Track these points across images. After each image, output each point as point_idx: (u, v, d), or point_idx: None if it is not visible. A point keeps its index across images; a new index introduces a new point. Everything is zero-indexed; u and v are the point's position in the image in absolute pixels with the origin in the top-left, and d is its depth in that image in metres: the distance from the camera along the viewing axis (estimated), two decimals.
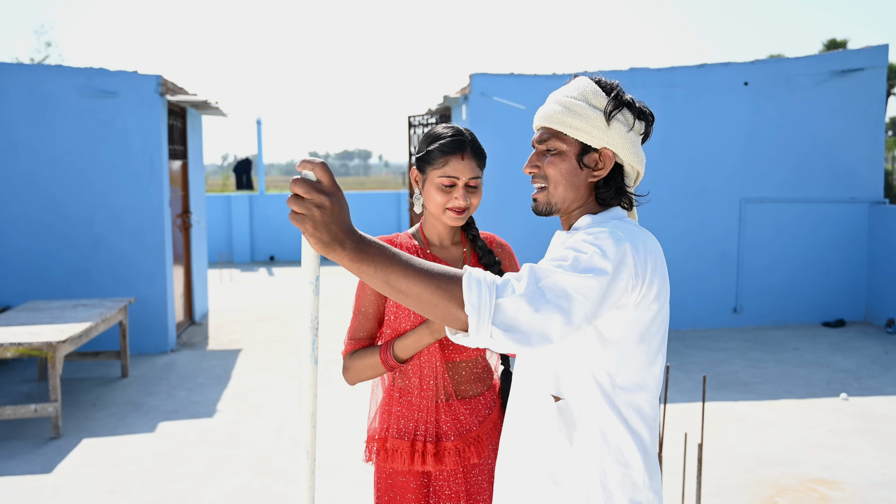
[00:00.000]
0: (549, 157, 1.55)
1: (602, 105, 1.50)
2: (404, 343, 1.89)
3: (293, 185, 1.14)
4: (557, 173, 1.54)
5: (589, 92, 1.52)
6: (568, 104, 1.52)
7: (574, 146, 1.53)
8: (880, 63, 7.73)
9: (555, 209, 1.56)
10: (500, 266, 2.02)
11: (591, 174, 1.53)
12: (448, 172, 1.89)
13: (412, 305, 1.26)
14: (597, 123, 1.50)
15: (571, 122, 1.51)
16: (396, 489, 1.96)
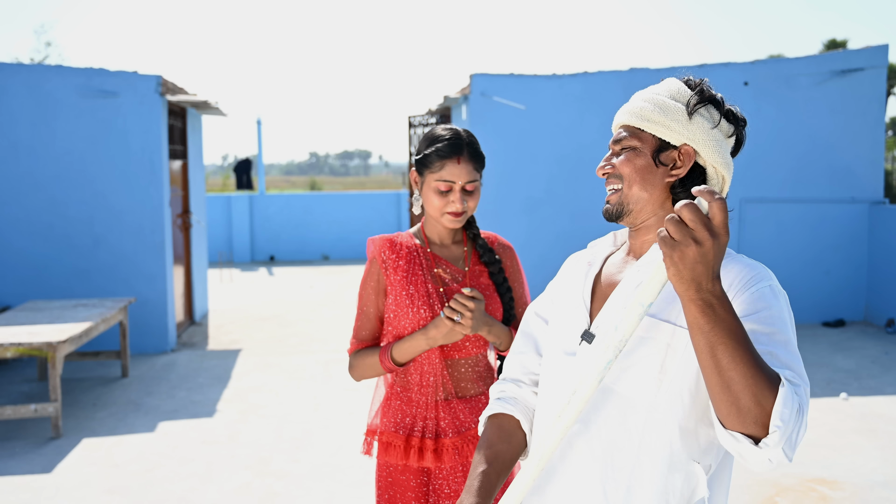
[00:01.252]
0: (623, 155, 1.42)
1: (685, 100, 1.40)
2: (401, 347, 1.92)
3: (683, 209, 1.06)
4: (631, 170, 1.40)
5: (674, 88, 1.42)
6: (649, 98, 1.42)
7: (650, 142, 1.40)
8: (880, 63, 7.73)
9: (626, 210, 1.41)
10: (500, 265, 2.02)
11: (668, 173, 1.39)
12: (444, 176, 1.89)
13: (716, 380, 1.11)
14: (677, 117, 1.38)
15: (650, 116, 1.39)
16: (396, 487, 1.97)
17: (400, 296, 1.94)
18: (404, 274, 1.95)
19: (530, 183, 7.47)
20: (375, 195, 15.16)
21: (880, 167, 7.92)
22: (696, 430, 1.30)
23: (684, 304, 1.13)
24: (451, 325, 1.85)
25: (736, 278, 1.30)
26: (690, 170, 1.40)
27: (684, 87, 1.42)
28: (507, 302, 2.02)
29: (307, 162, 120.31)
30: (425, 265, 1.98)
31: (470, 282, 1.98)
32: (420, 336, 1.89)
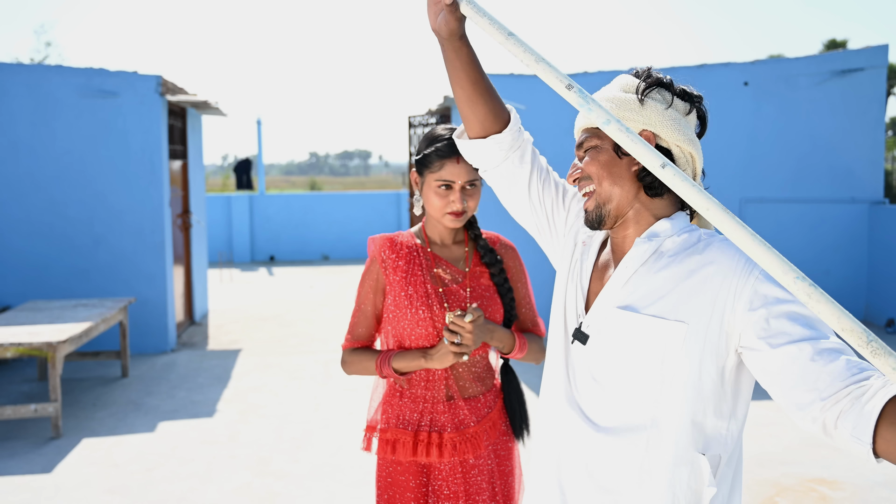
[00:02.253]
0: (586, 157, 1.43)
1: (633, 89, 1.40)
2: (401, 362, 1.93)
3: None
4: (597, 167, 1.40)
5: (623, 82, 1.42)
6: (601, 96, 1.43)
7: (609, 138, 1.37)
8: (880, 63, 7.73)
9: (604, 213, 1.39)
10: (501, 265, 2.02)
11: (632, 162, 1.37)
12: (444, 176, 1.89)
13: None
14: (630, 106, 1.38)
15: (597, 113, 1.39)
16: (396, 487, 1.97)
17: (399, 296, 1.93)
18: (404, 274, 1.95)
19: None
20: (375, 195, 15.16)
21: (880, 167, 7.92)
22: (703, 421, 1.31)
23: None
24: (454, 349, 1.84)
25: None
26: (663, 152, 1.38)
27: (633, 78, 1.42)
28: (507, 303, 2.01)
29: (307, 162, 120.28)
30: (425, 265, 1.97)
31: (470, 283, 1.98)
32: (419, 356, 1.90)
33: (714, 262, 1.30)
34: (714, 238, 1.35)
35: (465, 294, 1.95)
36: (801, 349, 1.18)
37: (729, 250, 1.31)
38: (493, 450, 2.02)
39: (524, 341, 2.02)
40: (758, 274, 1.26)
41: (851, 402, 1.11)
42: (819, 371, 1.16)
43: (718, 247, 1.33)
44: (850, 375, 1.13)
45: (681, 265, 1.33)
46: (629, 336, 1.34)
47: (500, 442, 2.03)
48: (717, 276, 1.29)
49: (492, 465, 2.00)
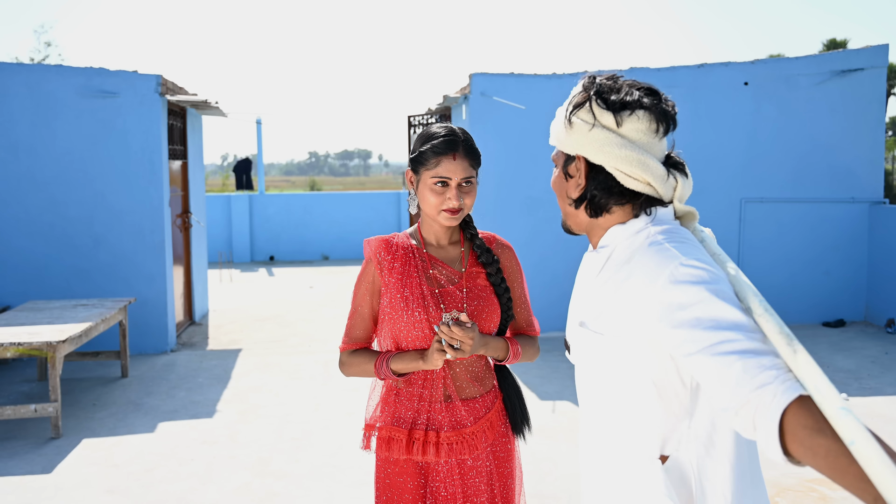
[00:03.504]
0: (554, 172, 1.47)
1: (567, 105, 1.40)
2: (398, 364, 1.93)
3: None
4: (554, 186, 1.46)
5: (572, 95, 1.41)
6: (559, 110, 1.43)
7: (561, 157, 1.43)
8: (880, 63, 7.73)
9: (567, 224, 1.47)
10: (498, 265, 2.01)
11: (575, 184, 1.39)
12: (440, 173, 1.88)
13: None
14: (561, 129, 1.39)
15: (552, 131, 1.43)
16: (394, 488, 1.97)
17: (395, 298, 1.93)
18: (399, 276, 1.94)
19: (530, 183, 7.47)
20: (375, 195, 15.15)
21: (880, 167, 7.92)
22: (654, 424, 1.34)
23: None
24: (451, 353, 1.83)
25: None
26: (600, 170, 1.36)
27: (579, 89, 1.40)
28: (504, 303, 2.01)
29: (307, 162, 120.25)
30: (421, 267, 1.97)
31: (467, 283, 1.98)
32: (416, 357, 1.90)
33: (633, 275, 1.30)
34: (647, 247, 1.32)
35: (462, 295, 1.95)
36: (708, 357, 1.16)
37: (645, 261, 1.30)
38: (492, 451, 2.01)
39: (518, 349, 2.02)
40: (663, 282, 1.24)
41: (756, 409, 1.10)
42: (726, 378, 1.14)
43: (639, 258, 1.31)
44: (758, 375, 1.11)
45: (617, 276, 1.34)
46: (583, 349, 1.40)
47: (498, 443, 2.03)
48: (635, 289, 1.29)
49: (490, 466, 2.00)
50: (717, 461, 1.31)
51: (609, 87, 1.36)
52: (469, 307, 1.94)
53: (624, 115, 1.33)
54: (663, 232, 1.33)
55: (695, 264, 1.24)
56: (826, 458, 1.01)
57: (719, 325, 1.17)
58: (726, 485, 1.31)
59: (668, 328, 1.22)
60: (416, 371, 1.95)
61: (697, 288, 1.21)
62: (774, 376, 1.09)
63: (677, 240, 1.30)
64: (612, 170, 1.34)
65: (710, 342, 1.16)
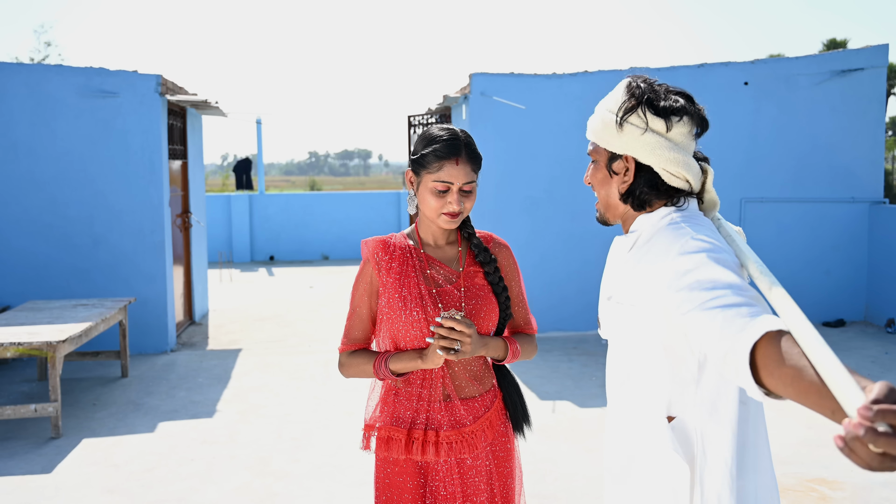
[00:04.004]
0: (590, 168, 1.61)
1: (613, 106, 1.52)
2: (397, 364, 1.93)
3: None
4: (595, 182, 1.60)
5: (615, 96, 1.53)
6: (599, 110, 1.56)
7: (604, 154, 1.56)
8: (880, 63, 7.73)
9: (605, 217, 1.62)
10: (496, 264, 2.02)
11: (621, 181, 1.55)
12: (442, 178, 1.88)
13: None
14: (611, 129, 1.52)
15: (596, 129, 1.55)
16: (394, 488, 1.97)
17: (393, 298, 1.93)
18: (397, 276, 1.95)
19: (530, 183, 7.47)
20: (375, 195, 15.15)
21: (880, 167, 7.92)
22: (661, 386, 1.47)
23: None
24: (446, 355, 1.84)
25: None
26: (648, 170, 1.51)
27: (624, 90, 1.52)
28: (503, 302, 2.01)
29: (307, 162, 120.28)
30: (418, 267, 1.97)
31: (464, 282, 1.98)
32: (415, 356, 1.91)
33: (651, 251, 1.47)
34: (665, 226, 1.49)
35: (460, 294, 1.95)
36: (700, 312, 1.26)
37: (662, 238, 1.46)
38: (492, 450, 2.02)
39: (517, 348, 2.02)
40: (674, 254, 1.39)
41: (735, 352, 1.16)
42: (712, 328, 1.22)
43: (657, 236, 1.48)
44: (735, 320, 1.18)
45: (639, 253, 1.51)
46: (611, 321, 1.57)
47: (498, 443, 2.03)
48: (651, 262, 1.44)
49: (490, 465, 2.00)
50: (720, 426, 1.42)
51: (656, 93, 1.51)
52: (467, 306, 1.94)
53: (673, 121, 1.49)
54: (682, 216, 1.50)
55: (703, 238, 1.38)
56: (792, 384, 1.07)
57: (715, 285, 1.27)
58: (727, 449, 1.41)
59: (672, 293, 1.34)
60: (415, 371, 1.96)
61: (700, 255, 1.34)
62: (749, 321, 1.16)
63: (693, 221, 1.46)
64: (660, 170, 1.50)
65: (704, 300, 1.26)
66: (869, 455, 0.84)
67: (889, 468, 0.84)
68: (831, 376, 0.97)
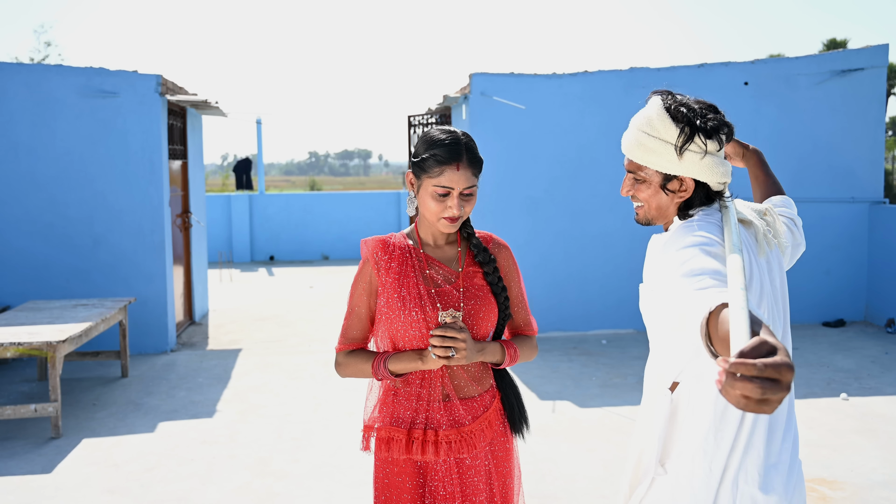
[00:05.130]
0: (638, 185, 1.77)
1: (673, 139, 1.67)
2: (397, 365, 1.93)
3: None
4: (647, 196, 1.76)
5: (659, 125, 1.67)
6: (643, 141, 1.70)
7: (656, 175, 1.73)
8: (880, 63, 7.73)
9: (650, 220, 1.81)
10: (495, 264, 2.01)
11: (676, 196, 1.73)
12: (443, 182, 1.87)
13: None
14: (671, 158, 1.68)
15: (648, 159, 1.70)
16: (392, 489, 1.97)
17: (392, 297, 1.93)
18: (396, 276, 1.94)
19: (531, 183, 7.47)
20: (375, 195, 15.15)
21: (880, 167, 7.92)
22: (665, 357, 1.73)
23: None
24: (444, 362, 1.86)
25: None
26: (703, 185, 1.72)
27: (671, 123, 1.67)
28: (502, 302, 2.01)
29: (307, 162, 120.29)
30: (417, 266, 1.97)
31: (464, 283, 1.97)
32: (415, 357, 1.91)
33: (669, 247, 1.64)
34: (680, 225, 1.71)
35: (458, 294, 1.95)
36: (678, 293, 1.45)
37: (675, 233, 1.67)
38: (491, 450, 2.01)
39: (515, 352, 2.02)
40: (678, 247, 1.60)
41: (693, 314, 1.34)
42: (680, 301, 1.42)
43: (673, 233, 1.69)
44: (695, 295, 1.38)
45: (665, 248, 1.68)
46: (644, 305, 1.78)
47: (497, 442, 2.03)
48: (666, 255, 1.63)
49: (489, 465, 2.00)
50: (704, 391, 1.66)
51: (696, 114, 1.68)
52: (466, 306, 1.94)
53: (720, 139, 1.68)
54: (700, 216, 1.70)
55: (702, 234, 1.60)
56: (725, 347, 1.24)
57: (703, 271, 1.47)
58: (707, 410, 1.65)
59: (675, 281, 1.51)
60: (414, 371, 1.96)
61: (695, 249, 1.55)
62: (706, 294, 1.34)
63: (703, 220, 1.66)
64: (715, 184, 1.71)
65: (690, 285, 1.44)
66: (734, 396, 1.02)
67: (752, 409, 1.01)
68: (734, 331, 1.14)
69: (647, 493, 1.72)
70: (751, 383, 1.00)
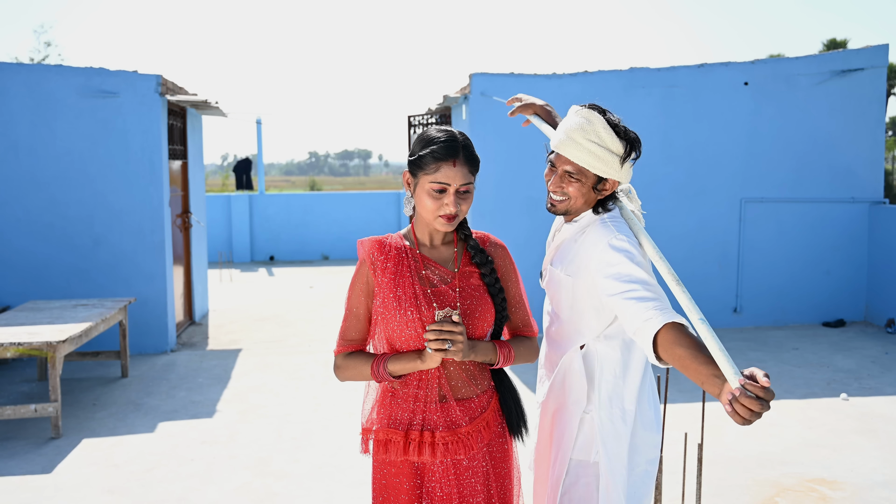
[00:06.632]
0: (572, 181, 2.05)
1: (618, 151, 1.99)
2: (396, 366, 1.93)
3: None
4: (578, 193, 2.06)
5: (608, 138, 1.98)
6: (592, 150, 1.98)
7: (591, 177, 2.04)
8: (880, 63, 7.73)
9: (570, 211, 2.10)
10: (492, 265, 2.01)
11: (600, 194, 2.07)
12: (439, 179, 1.88)
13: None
14: (614, 165, 2.00)
15: (594, 164, 1.99)
16: (390, 489, 1.97)
17: (388, 297, 1.93)
18: (392, 276, 1.94)
19: (530, 183, 7.47)
20: (375, 195, 15.15)
21: (880, 167, 7.92)
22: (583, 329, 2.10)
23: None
24: (441, 356, 1.86)
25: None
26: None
27: (617, 138, 1.99)
28: (499, 303, 2.00)
29: (307, 162, 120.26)
30: (413, 267, 1.96)
31: (460, 283, 1.97)
32: (415, 357, 1.91)
33: (586, 240, 2.05)
34: (599, 220, 2.06)
35: (455, 294, 1.94)
36: (620, 300, 1.88)
37: (595, 231, 2.03)
38: (488, 451, 2.01)
39: (510, 352, 2.01)
40: (603, 246, 1.98)
41: (642, 333, 1.80)
42: (629, 313, 1.85)
43: (591, 228, 2.06)
44: (645, 312, 1.80)
45: (579, 235, 2.10)
46: (552, 282, 2.18)
47: (495, 443, 2.03)
48: (586, 248, 2.04)
49: (486, 466, 1.99)
50: (612, 349, 2.08)
51: (628, 129, 2.02)
52: (462, 306, 1.93)
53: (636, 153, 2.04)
54: (609, 215, 2.07)
55: (623, 238, 1.97)
56: (679, 360, 1.70)
57: (631, 279, 1.89)
58: (616, 365, 2.09)
59: (601, 277, 1.96)
60: (411, 372, 1.95)
61: (621, 255, 1.94)
62: (655, 314, 1.79)
63: (615, 221, 2.04)
64: (626, 185, 2.18)
65: (622, 290, 1.89)
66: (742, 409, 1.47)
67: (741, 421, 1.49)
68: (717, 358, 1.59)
69: (579, 432, 2.11)
70: (757, 401, 1.46)
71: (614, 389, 2.08)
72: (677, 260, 7.57)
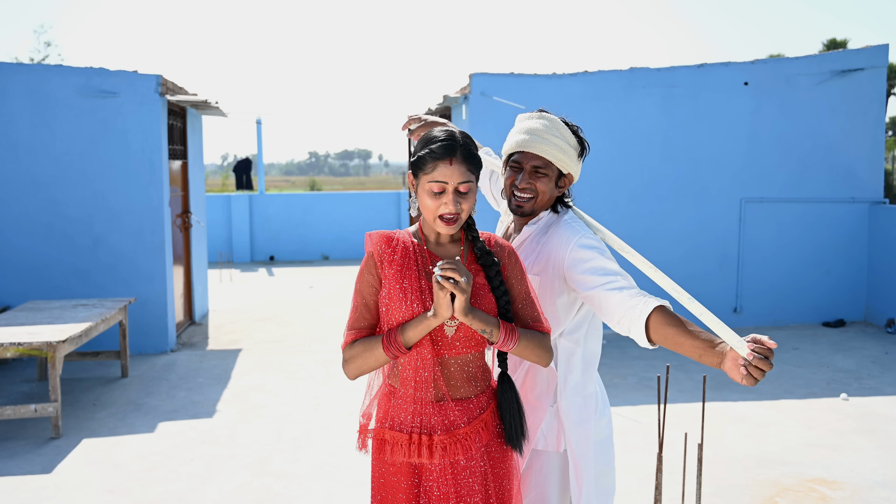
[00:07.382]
0: (539, 176, 2.21)
1: (576, 147, 2.23)
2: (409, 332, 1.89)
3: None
4: (546, 188, 2.22)
5: (567, 134, 2.21)
6: (558, 143, 2.18)
7: (555, 171, 2.22)
8: (880, 63, 7.73)
9: (535, 211, 2.24)
10: (498, 266, 2.00)
11: (559, 190, 2.26)
12: (437, 178, 1.88)
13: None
14: (574, 159, 2.22)
15: (562, 159, 2.19)
16: (388, 489, 1.97)
17: (393, 289, 1.93)
18: (398, 268, 1.94)
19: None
20: (375, 195, 15.15)
21: (880, 167, 7.92)
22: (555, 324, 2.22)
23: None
24: (449, 291, 1.80)
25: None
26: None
27: (572, 136, 2.22)
28: (502, 306, 1.99)
29: (307, 162, 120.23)
30: (420, 262, 1.96)
31: None
32: (425, 316, 1.88)
33: (551, 240, 2.18)
34: (562, 220, 2.21)
35: None
36: (602, 291, 2.03)
37: (560, 232, 2.17)
38: (487, 451, 2.00)
39: (512, 329, 1.93)
40: (573, 246, 2.12)
41: (630, 319, 1.96)
42: (612, 302, 2.01)
43: (555, 229, 2.20)
44: (629, 300, 1.98)
45: (542, 238, 2.22)
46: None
47: (494, 444, 2.02)
48: (553, 247, 2.17)
49: (485, 466, 1.98)
50: (574, 343, 2.23)
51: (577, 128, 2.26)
52: None
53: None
54: (569, 216, 2.24)
55: (591, 236, 2.14)
56: (672, 338, 1.89)
57: (607, 272, 2.06)
58: (580, 357, 2.23)
59: (577, 273, 2.10)
60: (409, 372, 1.94)
61: (593, 251, 2.10)
62: (640, 300, 1.96)
63: (576, 222, 2.20)
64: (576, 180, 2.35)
65: (602, 282, 2.04)
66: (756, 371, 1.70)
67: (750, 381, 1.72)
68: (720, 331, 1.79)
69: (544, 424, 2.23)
70: (767, 361, 1.70)
71: (579, 380, 2.22)
72: (677, 260, 7.57)
